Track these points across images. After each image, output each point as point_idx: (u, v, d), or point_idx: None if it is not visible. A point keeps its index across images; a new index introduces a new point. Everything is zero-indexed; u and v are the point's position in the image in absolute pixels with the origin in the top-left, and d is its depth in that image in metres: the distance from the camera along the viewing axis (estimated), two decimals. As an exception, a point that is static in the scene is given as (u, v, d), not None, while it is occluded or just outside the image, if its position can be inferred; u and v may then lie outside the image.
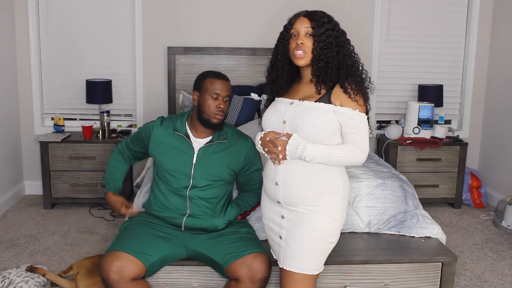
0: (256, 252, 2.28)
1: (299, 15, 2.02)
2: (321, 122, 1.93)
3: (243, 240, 2.37)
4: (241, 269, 2.24)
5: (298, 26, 1.99)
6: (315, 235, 2.01)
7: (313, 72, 2.00)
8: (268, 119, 2.08)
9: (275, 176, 2.03)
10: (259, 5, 4.36)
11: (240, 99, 3.99)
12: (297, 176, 1.99)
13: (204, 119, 2.37)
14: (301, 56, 1.97)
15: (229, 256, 2.29)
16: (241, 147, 2.46)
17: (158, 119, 2.51)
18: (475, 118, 4.71)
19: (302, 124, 1.95)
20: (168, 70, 4.34)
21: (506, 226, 3.87)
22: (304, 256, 2.02)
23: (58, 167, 4.06)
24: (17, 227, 3.76)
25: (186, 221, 2.40)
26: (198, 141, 2.42)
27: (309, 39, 1.97)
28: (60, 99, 4.44)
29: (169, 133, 2.44)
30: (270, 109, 2.10)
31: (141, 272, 2.26)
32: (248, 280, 2.22)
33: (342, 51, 1.99)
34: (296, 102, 2.01)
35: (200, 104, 2.38)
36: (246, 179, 2.52)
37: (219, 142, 2.42)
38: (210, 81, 2.36)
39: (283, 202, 2.05)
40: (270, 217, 2.15)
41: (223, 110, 2.36)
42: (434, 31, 4.56)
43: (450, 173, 4.28)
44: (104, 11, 4.34)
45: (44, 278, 2.87)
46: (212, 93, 2.35)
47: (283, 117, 2.01)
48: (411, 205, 2.86)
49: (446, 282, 2.57)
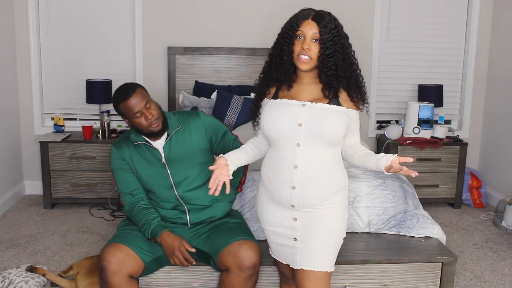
0: (241, 239, 2.27)
1: (307, 16, 1.94)
2: (340, 125, 1.95)
3: (230, 229, 2.37)
4: (228, 257, 2.22)
5: (306, 30, 1.92)
6: (333, 232, 2.03)
7: (323, 79, 1.96)
8: (275, 121, 1.98)
9: (292, 180, 1.96)
10: (259, 5, 4.36)
11: (240, 99, 3.99)
12: (315, 177, 1.96)
13: (147, 133, 2.34)
14: (306, 61, 1.93)
15: (217, 246, 2.28)
16: (196, 123, 2.41)
17: (113, 146, 2.45)
18: (475, 118, 4.71)
19: (323, 126, 1.92)
20: (168, 70, 4.34)
21: (506, 226, 3.87)
22: (324, 254, 2.02)
23: (58, 167, 4.06)
24: (17, 227, 3.76)
25: (190, 218, 2.41)
26: (158, 143, 2.39)
27: (315, 44, 1.92)
28: (60, 99, 4.44)
29: (130, 148, 2.40)
30: (275, 111, 1.99)
31: (139, 270, 2.27)
32: (236, 268, 2.20)
33: (347, 59, 1.97)
34: (308, 104, 1.97)
35: (134, 126, 2.34)
36: (221, 146, 2.47)
37: (175, 132, 2.39)
38: (123, 106, 2.28)
39: (299, 205, 2.00)
40: (278, 223, 2.07)
41: (154, 116, 2.29)
42: (434, 31, 4.56)
43: (450, 173, 4.28)
44: (104, 11, 4.34)
45: (44, 278, 2.87)
46: (132, 115, 2.28)
47: (298, 119, 1.95)
48: (411, 205, 2.86)
49: (446, 282, 2.57)
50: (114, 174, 2.46)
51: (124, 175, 2.42)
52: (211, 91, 4.20)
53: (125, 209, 2.44)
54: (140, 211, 2.38)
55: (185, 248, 2.27)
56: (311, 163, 1.96)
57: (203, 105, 4.07)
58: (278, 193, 2.01)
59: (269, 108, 2.03)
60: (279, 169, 2.00)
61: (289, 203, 2.00)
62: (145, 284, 2.45)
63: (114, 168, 2.45)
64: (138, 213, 2.38)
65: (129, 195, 2.43)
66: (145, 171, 2.39)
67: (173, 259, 2.28)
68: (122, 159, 2.41)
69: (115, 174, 2.45)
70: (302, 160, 1.95)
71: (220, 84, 4.32)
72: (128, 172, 2.42)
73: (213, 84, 4.32)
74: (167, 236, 2.30)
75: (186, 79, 4.34)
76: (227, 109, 3.94)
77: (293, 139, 1.96)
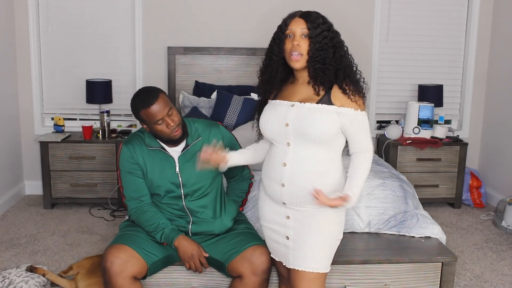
0: (254, 245, 2.29)
1: (294, 15, 1.99)
2: (327, 124, 1.93)
3: (241, 235, 2.38)
4: (242, 264, 2.24)
5: (294, 27, 1.96)
6: (326, 232, 2.02)
7: (310, 73, 1.97)
8: (267, 121, 2.04)
9: (281, 177, 2.00)
10: (259, 5, 4.36)
11: (240, 99, 3.99)
12: (305, 176, 1.97)
13: (166, 140, 2.30)
14: (297, 59, 1.95)
15: (230, 253, 2.30)
16: (216, 136, 2.39)
17: (124, 145, 2.36)
18: (475, 118, 4.71)
19: (307, 126, 1.93)
20: (168, 70, 4.34)
21: (506, 226, 3.87)
22: (317, 254, 2.01)
23: (58, 167, 4.06)
24: (17, 227, 3.76)
25: (192, 228, 2.39)
26: (174, 150, 2.35)
27: (304, 40, 1.95)
28: (60, 99, 4.44)
29: (144, 151, 2.34)
30: (268, 112, 2.06)
31: (143, 271, 2.27)
32: (250, 273, 2.22)
33: (338, 52, 1.97)
34: (297, 104, 1.99)
35: (154, 132, 2.28)
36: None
37: (194, 143, 2.35)
38: (144, 113, 2.21)
39: (289, 203, 2.02)
40: (272, 219, 2.11)
41: (176, 124, 2.25)
42: (434, 31, 4.56)
43: (450, 173, 4.28)
44: (104, 11, 4.34)
45: (44, 278, 2.87)
46: (155, 122, 2.22)
47: (285, 119, 1.98)
48: (411, 205, 2.86)
49: (446, 282, 2.57)
50: (122, 176, 2.39)
51: (133, 180, 2.36)
52: (211, 91, 4.20)
53: (130, 213, 2.41)
54: (148, 215, 2.35)
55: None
56: (299, 161, 1.97)
57: (203, 105, 4.07)
58: (271, 190, 2.06)
59: (265, 109, 2.09)
60: (271, 167, 2.05)
61: (280, 200, 2.04)
62: (145, 284, 2.44)
63: (123, 170, 2.37)
64: (146, 217, 2.35)
65: (136, 201, 2.38)
66: (157, 177, 2.34)
67: (190, 263, 2.28)
68: (134, 163, 2.34)
69: (123, 176, 2.38)
70: (291, 159, 1.98)
71: (220, 84, 4.32)
72: (139, 177, 2.36)
73: (213, 84, 4.32)
74: (184, 240, 2.29)
75: (186, 79, 4.34)
76: (227, 109, 3.94)
77: (283, 138, 2.00)
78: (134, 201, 2.38)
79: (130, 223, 2.48)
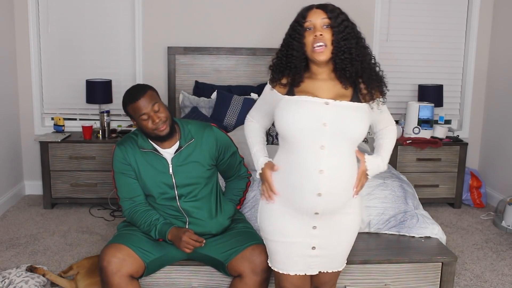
0: (254, 244, 2.29)
1: (311, 7, 1.84)
2: (365, 123, 1.86)
3: (240, 235, 2.39)
4: (242, 263, 2.25)
5: (314, 19, 1.81)
6: (353, 233, 2.03)
7: (337, 65, 1.83)
8: (299, 120, 1.82)
9: (319, 186, 1.81)
10: (260, 5, 4.36)
11: (240, 99, 3.99)
12: (342, 182, 1.86)
13: (153, 136, 2.30)
14: (322, 50, 1.79)
15: (229, 253, 2.30)
16: (209, 138, 2.39)
17: (117, 147, 2.37)
18: (475, 118, 4.71)
19: (349, 126, 1.82)
20: (168, 70, 4.34)
21: (506, 226, 3.87)
22: (345, 255, 2.07)
23: (58, 167, 4.06)
24: (17, 227, 3.76)
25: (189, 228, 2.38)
26: (167, 151, 2.35)
27: (327, 31, 1.80)
28: (60, 99, 4.44)
29: (136, 152, 2.35)
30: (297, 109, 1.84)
31: (140, 270, 2.27)
32: (251, 273, 2.23)
33: (360, 42, 1.85)
34: (332, 103, 1.83)
35: (141, 128, 2.30)
36: (226, 165, 2.48)
37: (187, 145, 2.35)
38: (131, 108, 2.24)
39: (323, 212, 1.87)
40: (295, 232, 1.93)
41: (162, 120, 2.25)
42: (434, 31, 4.56)
43: (450, 173, 4.28)
44: (104, 11, 4.34)
45: (44, 278, 2.87)
46: (139, 117, 2.24)
47: (322, 119, 1.80)
48: (411, 205, 2.86)
49: (446, 282, 2.57)
50: (116, 177, 2.40)
51: (126, 181, 2.37)
52: (211, 91, 4.20)
53: (125, 214, 2.42)
54: (141, 214, 2.36)
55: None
56: (336, 167, 1.83)
57: (203, 105, 4.07)
58: (301, 201, 1.86)
59: (286, 105, 1.88)
60: (301, 175, 1.84)
61: (313, 211, 1.86)
62: (145, 284, 2.45)
63: (116, 171, 2.38)
64: (140, 216, 2.36)
65: (129, 201, 2.39)
66: (150, 178, 2.35)
67: (184, 245, 2.25)
68: (126, 164, 2.35)
69: (117, 178, 2.40)
70: (327, 164, 1.81)
71: (220, 84, 4.32)
72: (131, 178, 2.37)
73: (213, 84, 4.32)
74: (175, 230, 2.30)
75: (186, 79, 4.34)
76: (227, 109, 3.94)
77: (317, 140, 1.81)
78: (128, 202, 2.39)
79: (127, 224, 2.48)
